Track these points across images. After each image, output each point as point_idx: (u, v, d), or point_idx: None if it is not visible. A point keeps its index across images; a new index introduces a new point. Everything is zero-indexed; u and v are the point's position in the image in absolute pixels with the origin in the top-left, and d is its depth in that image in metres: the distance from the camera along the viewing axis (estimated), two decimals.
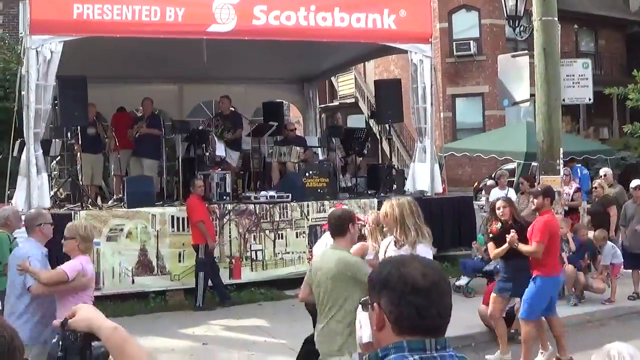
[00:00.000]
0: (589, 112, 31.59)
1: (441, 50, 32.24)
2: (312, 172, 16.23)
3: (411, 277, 2.71)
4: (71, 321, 2.67)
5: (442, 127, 30.98)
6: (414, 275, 2.71)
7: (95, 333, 2.68)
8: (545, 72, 14.03)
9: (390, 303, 2.71)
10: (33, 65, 13.75)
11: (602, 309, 13.19)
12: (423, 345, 2.66)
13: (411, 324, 2.68)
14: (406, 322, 2.68)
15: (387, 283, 2.74)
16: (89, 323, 2.69)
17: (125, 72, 19.34)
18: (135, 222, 14.21)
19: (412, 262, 2.82)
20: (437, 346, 2.68)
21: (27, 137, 13.84)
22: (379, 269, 2.87)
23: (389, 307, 2.71)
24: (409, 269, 2.75)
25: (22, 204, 13.78)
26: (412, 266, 2.77)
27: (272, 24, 15.19)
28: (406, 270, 2.75)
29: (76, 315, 2.70)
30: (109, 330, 2.67)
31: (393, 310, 2.70)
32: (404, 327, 2.69)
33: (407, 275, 2.72)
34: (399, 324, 2.69)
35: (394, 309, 2.70)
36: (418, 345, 2.66)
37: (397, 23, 16.19)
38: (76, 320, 2.69)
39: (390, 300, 2.71)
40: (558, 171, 14.10)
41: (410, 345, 2.65)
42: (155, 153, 17.16)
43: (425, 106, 16.62)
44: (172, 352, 11.03)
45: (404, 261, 2.85)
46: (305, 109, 24.26)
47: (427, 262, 2.88)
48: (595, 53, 36.98)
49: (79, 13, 13.94)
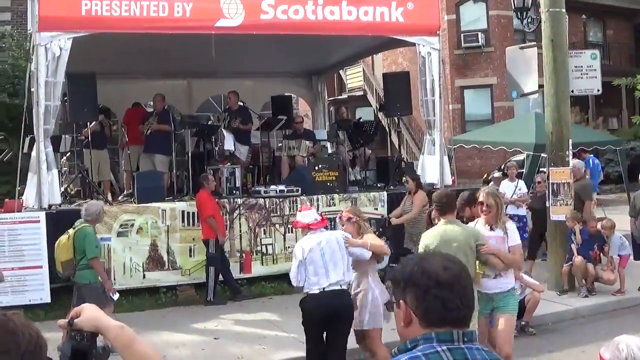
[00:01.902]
0: (598, 102, 31.57)
1: (449, 42, 32.18)
2: (322, 166, 16.24)
3: (434, 271, 2.81)
4: (77, 321, 2.68)
5: (451, 119, 30.95)
6: (437, 270, 2.82)
7: (102, 332, 2.71)
8: (554, 63, 14.00)
9: (416, 298, 2.81)
10: (42, 62, 13.78)
11: (612, 300, 13.19)
12: (451, 337, 2.76)
13: (438, 316, 2.77)
14: (433, 315, 2.77)
15: (411, 279, 2.84)
16: (96, 323, 2.71)
17: (134, 67, 19.40)
18: (146, 217, 14.25)
19: (433, 257, 2.95)
20: (464, 338, 2.77)
21: (37, 134, 13.89)
22: (401, 267, 2.95)
23: (415, 302, 2.81)
24: (430, 264, 2.86)
25: (33, 200, 13.85)
26: (434, 261, 2.89)
27: (280, 18, 15.19)
28: (428, 265, 2.86)
29: (82, 315, 2.71)
30: (117, 330, 2.70)
31: (419, 305, 2.80)
32: (432, 320, 2.78)
33: (430, 270, 2.82)
34: (427, 318, 2.79)
35: (421, 304, 2.80)
36: (446, 336, 2.75)
37: (404, 16, 16.16)
38: (82, 320, 2.70)
39: (416, 296, 2.81)
40: (567, 162, 14.07)
41: (439, 336, 2.75)
42: (166, 148, 17.16)
43: (434, 99, 16.59)
44: (184, 346, 11.08)
45: (424, 257, 3.01)
46: (314, 102, 24.28)
47: (446, 256, 3.00)
48: (603, 43, 36.90)
49: (87, 9, 13.96)
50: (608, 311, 12.75)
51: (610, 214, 17.13)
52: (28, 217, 13.44)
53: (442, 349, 2.71)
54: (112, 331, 2.71)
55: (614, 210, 19.80)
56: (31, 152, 14.23)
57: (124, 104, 19.22)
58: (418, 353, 2.71)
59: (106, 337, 2.71)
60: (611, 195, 26.50)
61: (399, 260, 3.17)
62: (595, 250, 13.74)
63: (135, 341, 2.70)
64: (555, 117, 14.02)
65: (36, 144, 13.94)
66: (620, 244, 13.95)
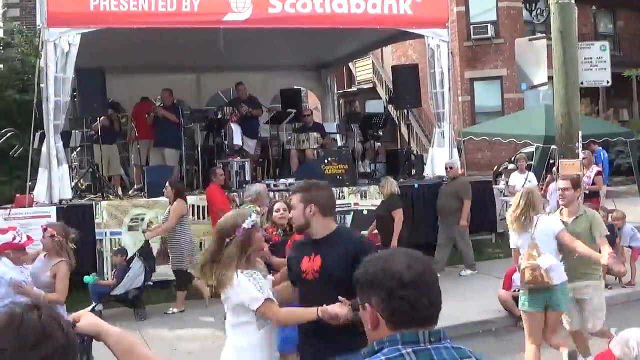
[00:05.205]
0: (609, 94, 31.45)
1: (459, 34, 32.09)
2: (331, 159, 16.24)
3: (397, 271, 2.71)
4: (79, 326, 2.76)
5: (461, 112, 30.95)
6: (400, 270, 2.71)
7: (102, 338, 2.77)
8: (563, 55, 13.94)
9: (382, 301, 2.71)
10: (52, 58, 13.84)
11: (622, 293, 13.12)
12: (417, 338, 2.66)
13: (405, 317, 2.68)
14: (400, 317, 2.68)
15: (375, 281, 2.75)
16: (97, 328, 2.79)
17: (143, 62, 19.43)
18: (156, 211, 14.26)
19: (396, 257, 2.82)
20: (431, 338, 2.68)
21: (47, 129, 13.96)
22: (363, 268, 2.85)
23: (381, 304, 2.71)
24: (394, 264, 2.75)
25: (44, 195, 13.93)
26: (397, 260, 2.77)
27: (288, 12, 15.19)
28: (391, 265, 2.75)
29: (82, 320, 2.79)
30: (117, 335, 2.76)
31: (386, 308, 2.70)
32: (399, 322, 2.69)
33: (393, 270, 2.72)
34: (393, 320, 2.70)
35: (387, 307, 2.70)
36: (412, 338, 2.66)
37: (413, 8, 16.14)
38: (83, 325, 2.77)
39: (381, 298, 2.71)
40: (577, 155, 14.03)
41: (404, 338, 2.66)
42: (176, 142, 17.21)
43: (443, 91, 16.59)
44: (194, 340, 11.11)
45: (387, 257, 2.84)
46: (324, 95, 24.28)
47: (410, 254, 2.86)
48: (614, 34, 36.73)
49: (95, 5, 14.02)
50: (618, 303, 12.70)
51: (620, 205, 17.08)
52: (39, 212, 13.50)
53: (407, 352, 2.62)
54: (113, 337, 2.78)
55: (625, 202, 19.77)
56: (42, 148, 14.28)
57: (133, 98, 19.26)
58: (382, 357, 2.64)
59: (106, 342, 2.77)
60: (622, 187, 26.39)
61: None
62: None
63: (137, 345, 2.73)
64: (565, 109, 13.97)
65: (46, 140, 14.01)
66: (632, 235, 13.88)
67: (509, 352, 10.13)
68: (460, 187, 15.05)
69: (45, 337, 2.31)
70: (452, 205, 14.88)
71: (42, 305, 2.42)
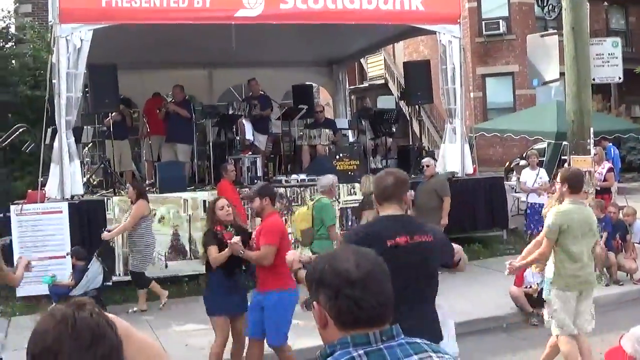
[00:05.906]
0: (620, 90, 31.37)
1: (470, 29, 32.07)
2: (343, 155, 16.24)
3: (344, 269, 2.67)
4: None
5: (473, 107, 30.88)
6: (347, 268, 2.68)
7: None
8: (575, 51, 13.93)
9: (328, 299, 2.68)
10: (63, 54, 13.88)
11: (633, 289, 13.08)
12: (367, 339, 2.62)
13: (352, 317, 2.64)
14: (347, 317, 2.65)
15: (322, 280, 2.71)
16: None
17: (155, 58, 19.48)
18: (168, 207, 14.32)
19: (344, 255, 2.78)
20: (382, 337, 2.64)
21: (59, 125, 14.00)
22: (312, 266, 2.85)
23: (328, 303, 2.68)
24: (341, 262, 2.71)
25: (55, 191, 13.97)
26: (345, 258, 2.73)
27: (299, 8, 15.19)
28: (339, 263, 2.71)
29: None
30: (115, 321, 2.74)
31: (332, 307, 2.67)
32: (346, 322, 2.66)
33: (340, 268, 2.69)
34: (340, 320, 2.66)
35: (333, 305, 2.66)
36: (362, 339, 2.62)
37: (424, 4, 16.11)
38: None
39: (328, 297, 2.68)
40: (589, 151, 14.02)
41: (355, 339, 2.62)
42: (187, 138, 17.25)
43: (455, 87, 16.55)
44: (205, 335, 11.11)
45: (335, 255, 2.81)
46: (335, 91, 24.28)
47: (360, 251, 2.82)
48: (626, 30, 36.62)
49: (107, 1, 14.07)
50: (629, 300, 12.68)
51: (632, 202, 17.05)
52: (51, 207, 13.57)
53: (358, 354, 2.58)
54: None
55: (636, 198, 19.72)
56: (53, 144, 14.32)
57: (145, 94, 19.32)
58: None
59: None
60: (633, 184, 26.36)
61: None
62: (617, 239, 13.63)
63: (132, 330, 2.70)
64: (577, 105, 13.97)
65: (58, 135, 14.04)
66: None
67: (520, 349, 10.16)
68: (438, 185, 14.57)
69: (100, 336, 2.24)
70: (432, 204, 14.51)
71: (88, 303, 2.34)
